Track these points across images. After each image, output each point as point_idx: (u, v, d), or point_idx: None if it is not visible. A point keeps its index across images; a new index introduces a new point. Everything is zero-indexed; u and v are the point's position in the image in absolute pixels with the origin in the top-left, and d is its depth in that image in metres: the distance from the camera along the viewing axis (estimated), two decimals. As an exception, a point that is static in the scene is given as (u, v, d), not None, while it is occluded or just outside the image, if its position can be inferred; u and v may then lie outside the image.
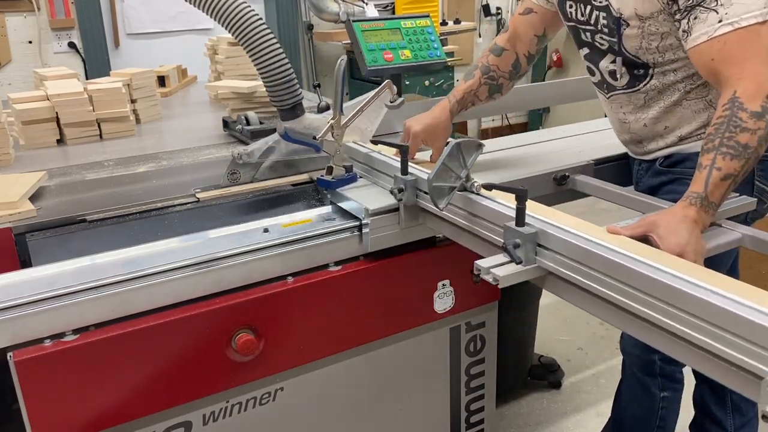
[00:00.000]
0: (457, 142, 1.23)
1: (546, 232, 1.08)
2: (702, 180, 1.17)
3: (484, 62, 1.73)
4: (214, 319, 1.30)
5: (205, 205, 1.55)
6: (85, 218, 1.45)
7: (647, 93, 1.52)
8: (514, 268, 1.07)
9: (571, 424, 2.43)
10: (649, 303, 0.92)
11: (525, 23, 1.71)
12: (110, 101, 2.18)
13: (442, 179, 1.23)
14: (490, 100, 1.75)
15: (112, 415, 1.25)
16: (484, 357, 1.74)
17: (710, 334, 0.84)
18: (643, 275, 0.92)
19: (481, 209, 1.23)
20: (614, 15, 1.43)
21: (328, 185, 1.56)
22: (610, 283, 0.98)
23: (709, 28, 1.25)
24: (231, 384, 1.37)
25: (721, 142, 1.17)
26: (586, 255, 1.01)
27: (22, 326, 1.15)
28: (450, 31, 4.90)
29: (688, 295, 0.86)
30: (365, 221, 1.42)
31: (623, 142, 1.71)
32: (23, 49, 4.16)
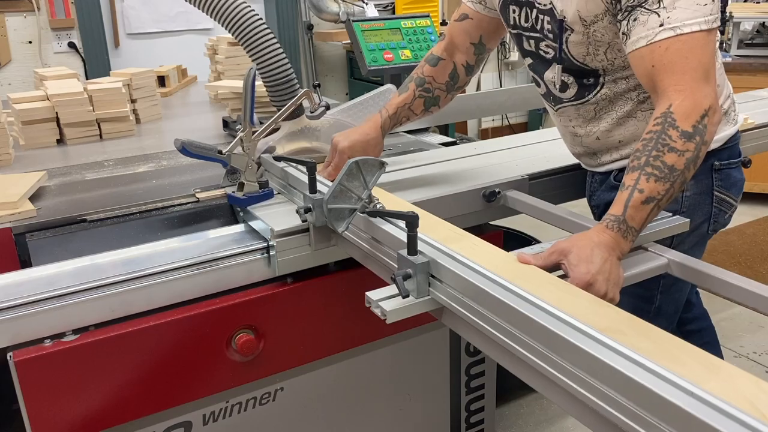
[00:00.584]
0: (356, 161, 1.14)
1: (437, 262, 0.98)
2: (622, 202, 1.08)
3: (419, 74, 1.61)
4: (214, 319, 1.30)
5: (205, 205, 1.55)
6: (85, 218, 1.45)
7: (597, 104, 1.41)
8: (404, 302, 0.98)
9: (571, 424, 2.43)
10: (533, 349, 0.84)
11: (460, 30, 1.59)
12: (110, 101, 2.18)
13: (341, 200, 1.15)
14: (426, 113, 1.62)
15: (112, 415, 1.25)
16: (484, 357, 1.74)
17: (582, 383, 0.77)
18: (527, 318, 0.84)
19: (380, 234, 1.14)
20: (557, 18, 1.32)
21: (238, 202, 1.47)
22: (494, 322, 0.90)
23: (649, 32, 1.15)
24: (231, 384, 1.37)
25: (647, 161, 1.08)
26: (474, 290, 0.93)
27: (22, 326, 1.15)
28: (450, 31, 4.89)
29: (563, 340, 0.79)
30: (271, 243, 1.32)
31: (575, 155, 1.62)
32: (23, 49, 4.16)
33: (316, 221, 1.27)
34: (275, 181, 1.55)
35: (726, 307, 3.04)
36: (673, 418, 0.66)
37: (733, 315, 3.02)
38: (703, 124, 1.09)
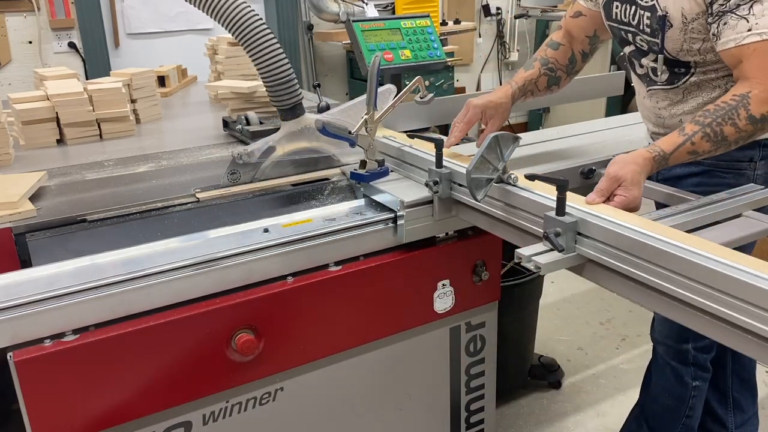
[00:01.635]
0: (496, 135, 1.25)
1: (586, 221, 1.11)
2: (674, 144, 1.28)
3: (542, 55, 1.76)
4: (214, 319, 1.30)
5: (205, 205, 1.55)
6: (85, 218, 1.45)
7: (687, 88, 1.54)
8: (556, 256, 1.10)
9: (571, 424, 2.43)
10: (687, 285, 0.96)
11: (575, 25, 1.75)
12: (110, 101, 2.18)
13: (481, 171, 1.26)
14: (548, 91, 1.78)
15: (112, 415, 1.25)
16: (484, 357, 1.74)
17: (745, 312, 0.88)
18: (681, 259, 0.96)
19: (519, 200, 1.26)
20: (659, 14, 1.44)
21: (361, 178, 1.59)
22: (650, 269, 1.01)
23: (737, 36, 1.31)
24: (231, 384, 1.37)
25: (710, 123, 1.27)
26: (627, 242, 1.05)
27: (22, 326, 1.15)
28: (450, 31, 4.90)
29: (726, 276, 0.90)
30: (400, 213, 1.45)
31: (653, 134, 1.72)
32: (23, 49, 4.16)
33: (441, 193, 1.42)
34: (390, 161, 1.67)
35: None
36: None
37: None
38: None
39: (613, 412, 2.50)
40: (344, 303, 1.46)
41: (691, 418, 1.87)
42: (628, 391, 2.62)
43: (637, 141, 1.82)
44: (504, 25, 5.87)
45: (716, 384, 1.95)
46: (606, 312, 3.27)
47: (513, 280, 2.34)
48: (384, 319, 1.53)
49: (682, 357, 1.81)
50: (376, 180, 1.58)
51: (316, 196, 1.65)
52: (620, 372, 2.77)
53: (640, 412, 2.02)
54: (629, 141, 1.91)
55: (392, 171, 1.65)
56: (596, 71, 1.88)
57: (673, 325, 1.78)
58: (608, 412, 2.52)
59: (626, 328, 3.11)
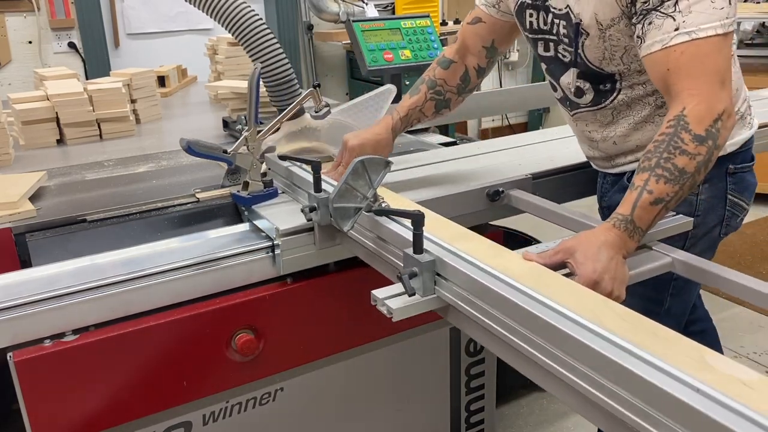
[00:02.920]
0: (361, 159, 1.15)
1: (444, 260, 0.99)
2: (630, 202, 1.09)
3: (430, 76, 1.61)
4: (214, 319, 1.30)
5: (205, 205, 1.55)
6: (85, 218, 1.45)
7: (615, 108, 1.41)
8: (411, 300, 0.99)
9: (571, 424, 2.43)
10: (538, 345, 0.85)
11: (473, 33, 1.59)
12: (110, 101, 2.18)
13: (346, 199, 1.16)
14: (437, 116, 1.64)
15: (112, 415, 1.25)
16: (484, 357, 1.74)
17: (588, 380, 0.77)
18: (533, 315, 0.85)
19: (386, 233, 1.14)
20: (574, 22, 1.32)
21: (243, 201, 1.46)
22: (504, 323, 0.90)
23: (664, 36, 1.15)
24: (231, 384, 1.37)
25: (658, 163, 1.09)
26: (479, 288, 0.93)
27: (22, 326, 1.15)
28: (450, 31, 4.90)
29: (570, 337, 0.79)
30: (276, 242, 1.32)
31: (590, 158, 1.61)
32: (23, 49, 4.16)
33: (320, 220, 1.28)
34: (279, 181, 1.55)
35: (726, 308, 3.04)
36: (681, 414, 0.66)
37: (733, 315, 3.02)
38: (717, 128, 1.09)
39: (613, 412, 2.50)
40: (344, 303, 1.46)
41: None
42: (628, 391, 2.62)
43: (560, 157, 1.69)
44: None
45: None
46: (606, 312, 3.26)
47: (513, 280, 2.33)
48: (384, 319, 1.53)
49: None
50: (260, 203, 1.45)
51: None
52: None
53: None
54: (549, 158, 1.76)
55: (282, 192, 1.51)
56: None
57: None
58: (608, 412, 2.52)
59: (626, 328, 3.11)
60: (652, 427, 0.69)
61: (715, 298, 1.10)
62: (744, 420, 0.63)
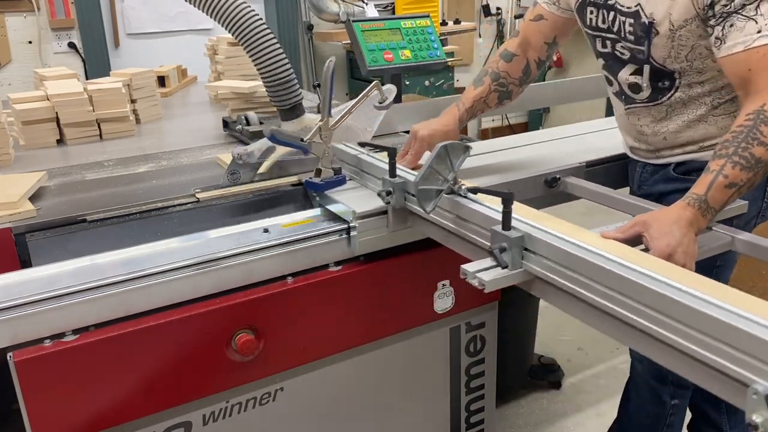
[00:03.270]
0: (444, 145, 1.21)
1: (532, 236, 1.06)
2: (706, 183, 1.16)
3: (494, 68, 1.70)
4: (214, 319, 1.30)
5: (205, 205, 1.55)
6: (85, 218, 1.45)
7: (670, 105, 1.48)
8: (500, 273, 1.06)
9: (571, 424, 2.43)
10: (634, 308, 0.91)
11: (535, 30, 1.68)
12: (110, 101, 2.18)
13: (429, 182, 1.22)
14: (499, 106, 1.73)
15: (112, 415, 1.25)
16: (484, 357, 1.74)
17: (696, 341, 0.83)
18: (628, 280, 0.91)
19: (469, 213, 1.21)
20: (644, 21, 1.37)
21: (316, 188, 1.53)
22: (596, 288, 0.96)
23: (747, 38, 1.21)
24: (231, 384, 1.37)
25: (735, 152, 1.15)
26: (572, 260, 1.00)
27: (22, 326, 1.15)
28: (450, 31, 4.90)
29: (674, 301, 0.85)
30: (353, 224, 1.40)
31: (632, 149, 1.67)
32: (23, 49, 4.16)
33: (395, 203, 1.36)
34: (347, 168, 1.62)
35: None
36: None
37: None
38: None
39: (613, 413, 2.49)
40: (344, 303, 1.46)
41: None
42: (628, 391, 2.62)
43: (609, 147, 1.77)
44: (504, 25, 5.87)
45: None
46: (606, 312, 3.26)
47: (513, 280, 2.34)
48: (384, 319, 1.53)
49: (659, 375, 1.76)
50: (331, 189, 1.52)
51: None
52: (620, 372, 2.77)
53: (617, 430, 2.01)
54: (601, 148, 1.85)
55: (350, 179, 1.59)
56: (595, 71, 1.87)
57: None
58: (608, 412, 2.52)
59: (626, 328, 3.11)
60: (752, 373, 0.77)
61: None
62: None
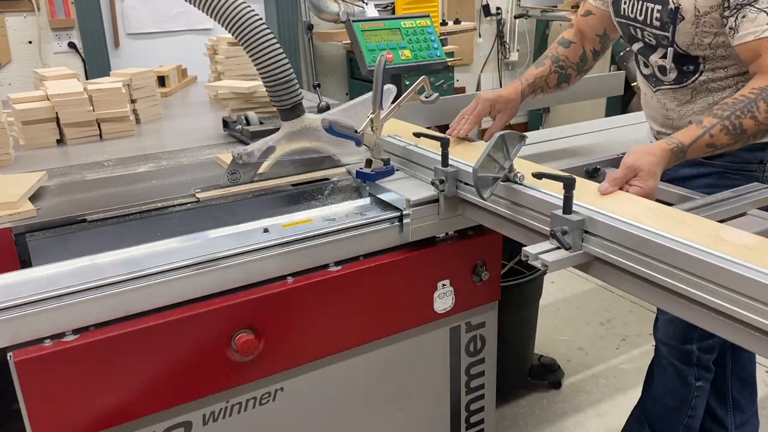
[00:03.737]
0: (502, 134, 1.26)
1: (593, 219, 1.12)
2: (693, 136, 1.27)
3: (553, 53, 1.78)
4: (214, 319, 1.30)
5: (205, 205, 1.55)
6: (85, 218, 1.45)
7: (695, 88, 1.55)
8: (562, 254, 1.11)
9: (571, 424, 2.43)
10: (693, 282, 0.96)
11: (585, 24, 1.78)
12: (110, 101, 2.18)
13: (487, 170, 1.26)
14: (557, 89, 1.79)
15: (112, 415, 1.25)
16: (484, 357, 1.74)
17: (752, 309, 0.89)
18: (688, 256, 0.97)
19: (526, 198, 1.27)
20: (670, 7, 1.44)
21: (367, 177, 1.59)
22: (658, 266, 1.02)
23: (757, 29, 1.30)
24: (231, 384, 1.37)
25: (728, 116, 1.26)
26: (634, 240, 1.05)
27: (22, 326, 1.15)
28: (450, 31, 4.90)
29: (735, 275, 0.91)
30: (406, 212, 1.46)
31: (658, 134, 1.72)
32: (23, 49, 4.16)
33: (447, 192, 1.42)
34: (395, 159, 1.66)
35: None
36: None
37: None
38: None
39: (613, 412, 2.50)
40: (344, 303, 1.46)
41: (693, 418, 1.87)
42: (628, 391, 2.62)
43: (641, 140, 1.83)
44: (504, 25, 5.87)
45: (715, 384, 1.95)
46: (606, 312, 3.27)
47: (513, 280, 2.34)
48: (384, 319, 1.53)
49: (686, 357, 1.80)
50: (381, 179, 1.58)
51: (317, 196, 1.65)
52: (620, 372, 2.78)
53: (641, 413, 2.02)
54: (634, 140, 1.92)
55: (397, 170, 1.64)
56: (596, 71, 1.88)
57: (678, 326, 1.77)
58: (608, 412, 2.52)
59: (626, 328, 3.11)
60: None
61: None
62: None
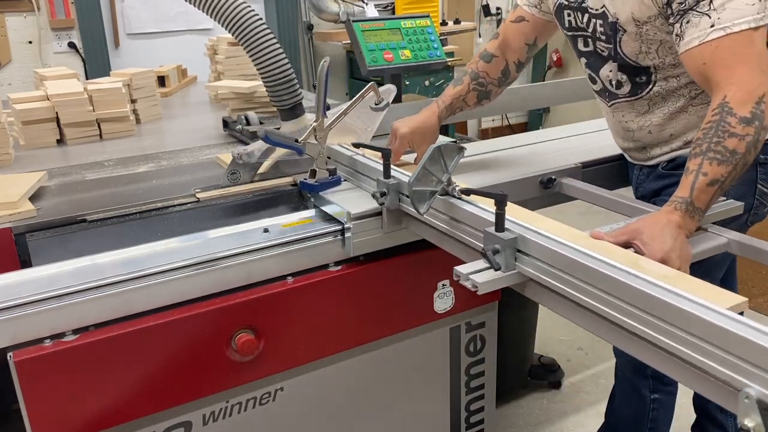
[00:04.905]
0: (438, 146, 1.21)
1: (526, 237, 1.05)
2: (688, 185, 1.16)
3: (473, 68, 1.72)
4: (214, 319, 1.30)
5: (205, 205, 1.55)
6: (85, 218, 1.45)
7: (650, 99, 1.51)
8: (493, 275, 1.05)
9: (571, 424, 2.43)
10: (626, 311, 0.90)
11: (516, 31, 1.70)
12: (110, 101, 2.18)
13: (423, 183, 1.22)
14: (478, 105, 1.75)
15: (112, 415, 1.25)
16: (484, 357, 1.74)
17: (688, 344, 0.82)
18: (621, 283, 0.90)
19: (462, 214, 1.21)
20: (610, 21, 1.42)
21: (311, 188, 1.53)
22: (590, 291, 0.96)
23: (701, 33, 1.24)
24: (231, 384, 1.37)
25: (709, 147, 1.16)
26: (566, 262, 0.99)
27: (22, 326, 1.15)
28: (450, 31, 4.90)
29: (666, 304, 0.84)
30: (347, 225, 1.39)
31: (625, 150, 1.69)
32: (23, 49, 4.16)
33: (390, 205, 1.36)
34: (342, 169, 1.61)
35: None
36: None
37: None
38: (761, 110, 1.16)
39: (613, 412, 2.50)
40: (344, 303, 1.46)
41: (654, 430, 1.84)
42: (628, 391, 2.62)
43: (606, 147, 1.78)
44: (504, 25, 5.86)
45: None
46: (606, 312, 3.26)
47: (513, 280, 2.33)
48: (384, 319, 1.53)
49: (638, 369, 1.76)
50: (326, 190, 1.52)
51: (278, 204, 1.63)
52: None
53: (606, 427, 2.01)
54: (597, 148, 1.86)
55: (345, 180, 1.58)
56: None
57: None
58: (608, 412, 2.52)
59: (626, 328, 3.10)
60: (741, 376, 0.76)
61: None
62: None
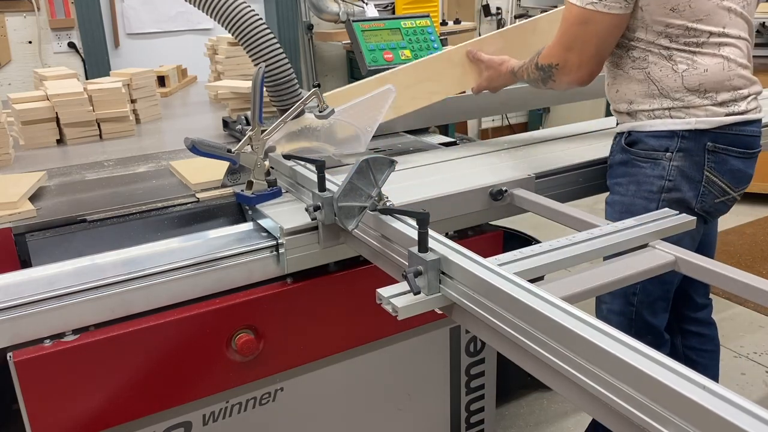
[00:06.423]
0: (366, 159, 1.14)
1: (449, 259, 0.99)
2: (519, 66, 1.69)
3: None
4: (214, 319, 1.30)
5: (205, 205, 1.55)
6: (85, 218, 1.45)
7: (612, 54, 1.61)
8: (414, 298, 0.98)
9: (571, 424, 2.43)
10: (544, 344, 0.84)
11: None
12: (110, 101, 2.18)
13: (351, 198, 1.16)
14: None
15: (112, 415, 1.25)
16: (484, 357, 1.74)
17: (599, 381, 0.77)
18: (541, 315, 0.84)
19: (391, 231, 1.15)
20: None
21: (247, 201, 1.46)
22: (505, 318, 0.90)
23: None
24: (231, 384, 1.37)
25: (529, 63, 1.64)
26: (486, 288, 0.93)
27: (22, 326, 1.15)
28: (450, 31, 4.90)
29: (582, 339, 0.79)
30: (281, 241, 1.33)
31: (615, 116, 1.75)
32: (23, 49, 4.16)
33: (325, 219, 1.27)
34: (283, 180, 1.55)
35: (726, 308, 3.04)
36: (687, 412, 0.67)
37: (734, 315, 3.02)
38: (550, 71, 1.56)
39: (613, 412, 2.50)
40: (344, 303, 1.46)
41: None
42: (628, 391, 2.62)
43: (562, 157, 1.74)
44: (504, 25, 5.86)
45: None
46: (606, 312, 3.26)
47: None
48: (384, 319, 1.53)
49: None
50: (263, 202, 1.45)
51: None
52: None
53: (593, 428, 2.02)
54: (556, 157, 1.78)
55: (286, 192, 1.52)
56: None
57: None
58: (608, 412, 2.51)
59: (626, 328, 3.11)
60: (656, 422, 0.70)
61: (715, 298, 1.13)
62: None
